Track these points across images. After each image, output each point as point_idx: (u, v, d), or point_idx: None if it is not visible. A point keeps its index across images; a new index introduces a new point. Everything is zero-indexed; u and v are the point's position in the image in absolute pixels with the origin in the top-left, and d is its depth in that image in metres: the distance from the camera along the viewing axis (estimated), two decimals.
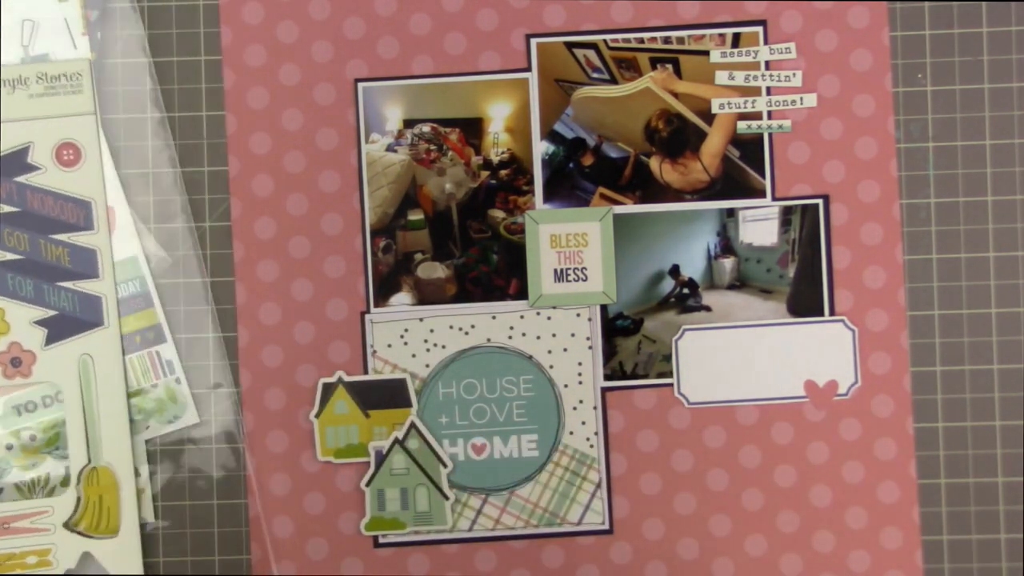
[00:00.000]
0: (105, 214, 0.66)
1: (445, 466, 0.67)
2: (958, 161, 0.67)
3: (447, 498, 0.67)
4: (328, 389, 0.67)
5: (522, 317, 0.68)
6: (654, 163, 0.68)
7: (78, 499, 0.65)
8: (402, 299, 0.68)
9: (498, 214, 0.68)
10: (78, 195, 0.66)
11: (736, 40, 0.67)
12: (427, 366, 0.67)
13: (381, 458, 0.67)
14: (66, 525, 0.65)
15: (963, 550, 0.67)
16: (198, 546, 0.67)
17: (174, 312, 0.68)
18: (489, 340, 0.68)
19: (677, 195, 0.68)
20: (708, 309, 0.68)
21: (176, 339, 0.68)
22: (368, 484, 0.67)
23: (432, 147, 0.68)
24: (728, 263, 0.68)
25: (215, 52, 0.68)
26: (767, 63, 0.67)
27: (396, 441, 0.67)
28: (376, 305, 0.68)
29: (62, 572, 0.66)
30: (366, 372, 0.67)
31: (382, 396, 0.67)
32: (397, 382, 0.67)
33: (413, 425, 0.67)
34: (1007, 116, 0.68)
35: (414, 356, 0.68)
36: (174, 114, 0.68)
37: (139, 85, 0.68)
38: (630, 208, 0.68)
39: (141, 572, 0.66)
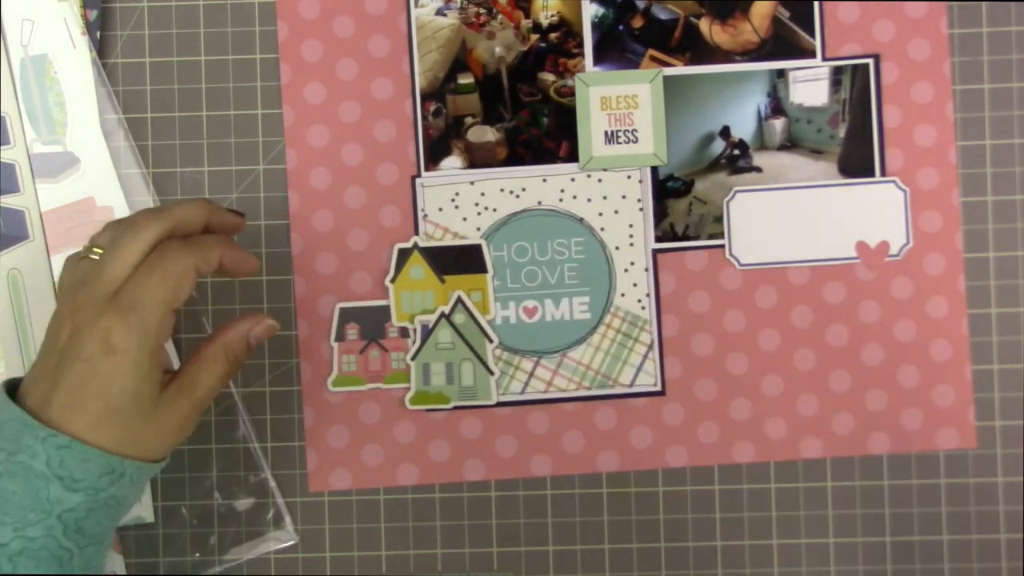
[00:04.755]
0: (20, 127, 0.66)
1: (491, 341, 0.67)
2: (958, 161, 0.68)
3: (492, 373, 0.67)
4: (404, 254, 0.67)
5: (573, 180, 0.68)
6: (704, 24, 0.68)
7: None
8: (453, 163, 0.68)
9: (548, 77, 0.68)
10: None
11: None
12: (478, 229, 0.68)
13: (427, 333, 0.67)
14: None
15: (963, 550, 0.67)
16: (198, 545, 0.67)
17: None
18: (540, 203, 0.68)
19: (727, 56, 0.68)
20: (759, 170, 0.68)
21: (176, 339, 0.68)
22: (413, 358, 0.67)
23: (482, 10, 0.68)
24: (778, 124, 0.68)
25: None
26: None
27: (442, 315, 0.67)
28: (427, 169, 0.68)
29: None
30: (417, 236, 0.67)
31: (458, 261, 0.67)
32: (473, 247, 0.67)
33: (460, 300, 0.67)
34: (1007, 116, 0.68)
35: (465, 220, 0.68)
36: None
37: (139, 84, 0.68)
38: (680, 70, 0.68)
39: None
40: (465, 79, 0.68)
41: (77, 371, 0.52)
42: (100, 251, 0.54)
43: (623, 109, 0.67)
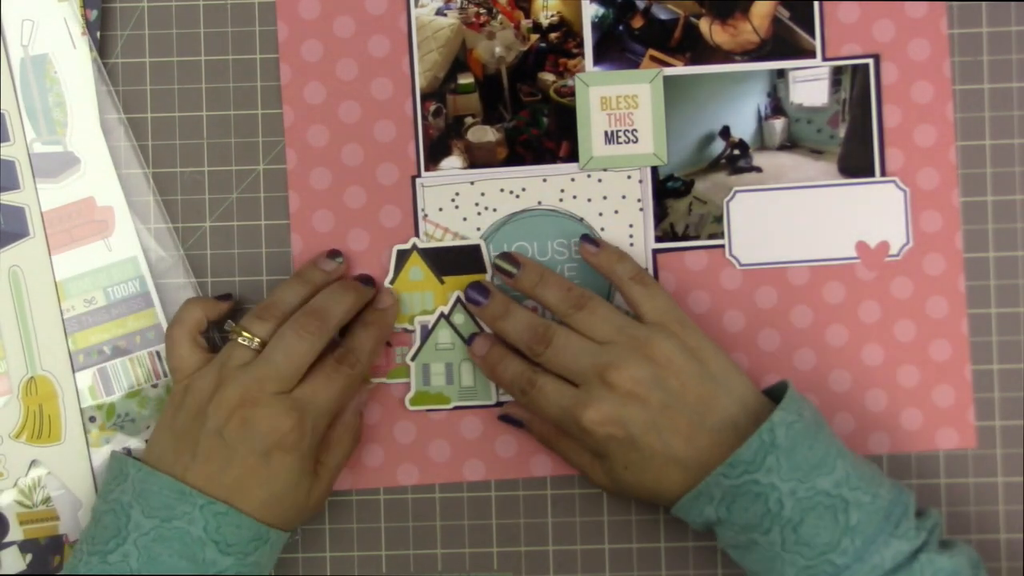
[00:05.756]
0: (20, 125, 0.66)
1: None
2: (958, 161, 0.68)
3: None
4: (402, 255, 0.67)
5: (573, 180, 0.68)
6: (704, 24, 0.68)
7: (19, 410, 0.66)
8: (453, 163, 0.68)
9: (548, 77, 0.68)
10: None
11: None
12: (478, 229, 0.68)
13: (427, 333, 0.67)
14: (11, 437, 0.66)
15: None
16: None
17: (174, 312, 0.67)
18: (540, 203, 0.68)
19: (727, 56, 0.68)
20: (759, 170, 0.68)
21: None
22: (413, 359, 0.67)
23: (482, 10, 0.68)
24: (778, 124, 0.68)
25: None
26: None
27: (442, 316, 0.67)
28: (427, 169, 0.68)
29: (13, 482, 0.66)
30: (417, 236, 0.68)
31: (457, 261, 0.67)
32: (472, 248, 0.67)
33: (459, 300, 0.67)
34: (1007, 116, 0.68)
35: (465, 220, 0.68)
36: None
37: (139, 84, 0.68)
38: (680, 70, 0.68)
39: (91, 476, 0.66)
40: (465, 79, 0.68)
41: (251, 463, 0.58)
42: (250, 337, 0.61)
43: (623, 109, 0.67)
